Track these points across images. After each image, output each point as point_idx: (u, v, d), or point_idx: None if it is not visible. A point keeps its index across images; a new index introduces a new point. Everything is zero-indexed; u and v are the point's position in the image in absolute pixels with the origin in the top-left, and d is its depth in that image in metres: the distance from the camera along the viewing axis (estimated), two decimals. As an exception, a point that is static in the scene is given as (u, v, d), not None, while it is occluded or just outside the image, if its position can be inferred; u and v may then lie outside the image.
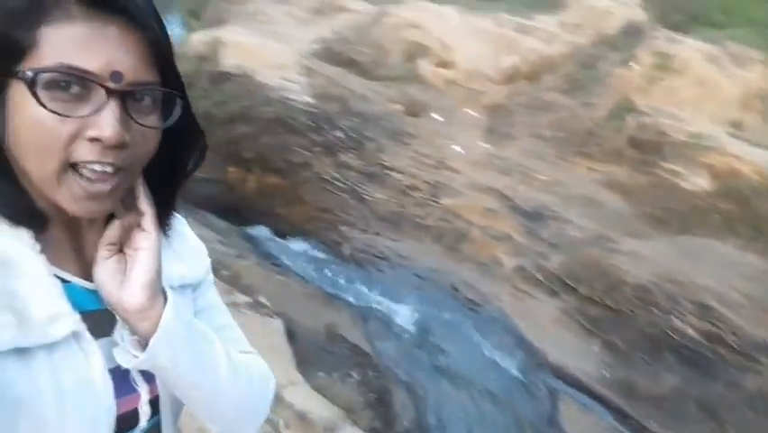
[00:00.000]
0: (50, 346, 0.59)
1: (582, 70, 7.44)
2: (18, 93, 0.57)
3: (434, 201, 6.08)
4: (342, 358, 3.75)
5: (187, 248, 0.79)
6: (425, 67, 7.61)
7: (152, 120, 0.62)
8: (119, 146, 0.58)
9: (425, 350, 4.70)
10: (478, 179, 6.22)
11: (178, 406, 0.75)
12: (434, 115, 7.18)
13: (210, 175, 6.72)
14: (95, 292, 0.67)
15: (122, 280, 0.66)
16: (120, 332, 0.67)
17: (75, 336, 0.62)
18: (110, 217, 0.69)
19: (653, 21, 8.06)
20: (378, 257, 5.66)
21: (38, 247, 0.61)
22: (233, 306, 3.29)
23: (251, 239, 5.93)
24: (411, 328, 4.95)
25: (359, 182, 6.24)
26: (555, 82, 7.53)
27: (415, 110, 7.00)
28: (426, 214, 5.96)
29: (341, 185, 6.20)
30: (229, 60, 6.99)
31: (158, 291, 0.67)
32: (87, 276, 0.67)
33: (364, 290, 5.30)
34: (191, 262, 0.79)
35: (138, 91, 0.59)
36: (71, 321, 0.61)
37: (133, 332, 0.66)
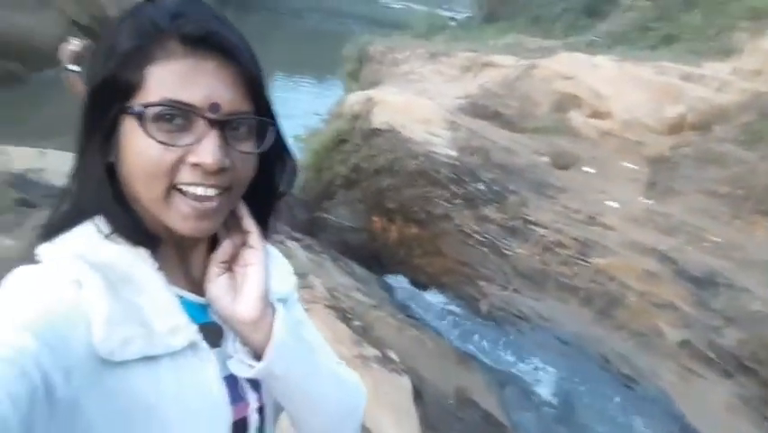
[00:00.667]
0: (173, 355, 0.65)
1: (762, 120, 6.54)
2: (129, 126, 0.63)
3: (583, 260, 5.60)
4: (473, 427, 3.47)
5: (273, 265, 0.81)
6: (577, 118, 7.23)
7: (249, 146, 0.68)
8: (219, 171, 0.64)
9: (570, 428, 4.22)
10: (636, 237, 5.63)
11: (277, 415, 0.80)
12: (586, 168, 6.73)
13: (356, 224, 6.93)
14: (204, 306, 0.73)
15: (234, 295, 0.71)
16: (232, 344, 0.72)
17: (191, 346, 0.67)
18: (213, 239, 0.75)
19: None
20: (517, 317, 5.30)
21: (156, 265, 0.67)
22: (360, 358, 3.23)
23: (388, 288, 5.91)
24: (553, 400, 4.50)
25: (500, 236, 5.98)
26: (729, 133, 6.69)
27: (564, 162, 6.63)
28: (574, 273, 5.50)
29: (481, 238, 5.99)
30: (379, 117, 7.24)
31: (268, 304, 0.72)
32: (195, 291, 0.73)
33: (501, 351, 4.97)
34: (279, 277, 0.83)
35: (235, 120, 0.65)
36: (190, 332, 0.67)
37: (245, 343, 0.71)
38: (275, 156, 0.73)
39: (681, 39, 8.81)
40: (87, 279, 0.61)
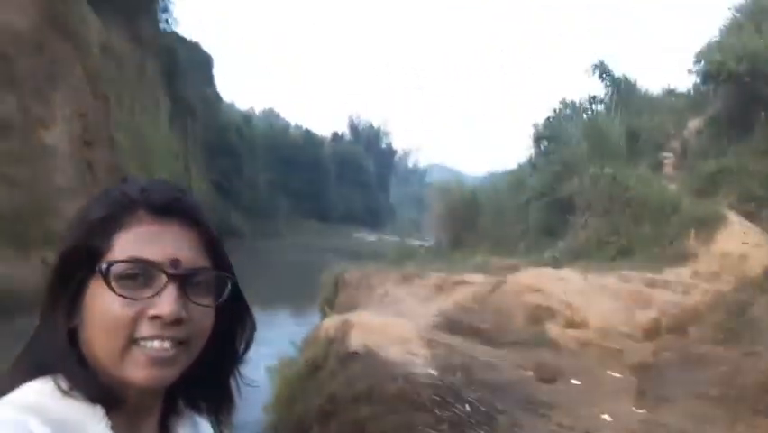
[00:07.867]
0: None
1: (732, 319, 6.66)
2: (94, 287, 0.68)
3: (588, 483, 5.08)
4: None
5: None
6: (553, 329, 7.24)
7: (207, 300, 0.71)
8: (176, 322, 0.67)
9: None
10: (637, 452, 5.22)
11: None
12: (572, 381, 6.52)
13: (335, 463, 6.30)
14: None
15: None
16: None
17: None
18: (164, 416, 0.77)
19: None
20: None
21: (110, 424, 0.68)
22: None
23: None
24: None
25: (494, 464, 5.46)
26: (705, 333, 6.75)
27: (548, 376, 6.44)
28: (580, 501, 4.93)
29: (473, 468, 5.46)
30: (356, 340, 7.14)
31: None
32: None
33: None
34: None
35: (194, 276, 0.70)
36: None
37: None
38: (236, 319, 0.77)
39: (636, 250, 9.38)
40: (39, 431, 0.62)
